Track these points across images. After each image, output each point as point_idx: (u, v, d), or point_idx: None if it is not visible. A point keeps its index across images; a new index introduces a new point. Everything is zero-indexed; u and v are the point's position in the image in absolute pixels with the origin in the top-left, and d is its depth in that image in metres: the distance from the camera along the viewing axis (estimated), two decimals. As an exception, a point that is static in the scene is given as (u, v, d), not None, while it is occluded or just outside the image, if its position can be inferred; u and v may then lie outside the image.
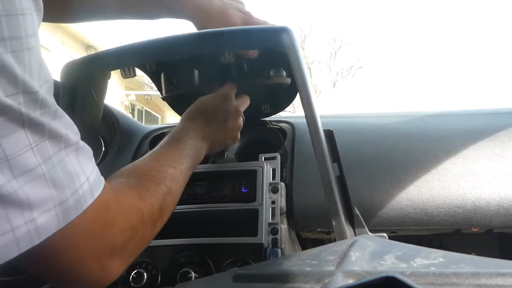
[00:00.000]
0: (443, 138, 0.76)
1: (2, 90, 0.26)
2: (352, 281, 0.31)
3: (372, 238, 0.41)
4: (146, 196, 0.43)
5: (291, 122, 0.84)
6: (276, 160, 0.72)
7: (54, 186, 0.29)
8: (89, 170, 0.34)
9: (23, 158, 0.27)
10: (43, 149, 0.29)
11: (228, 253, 0.63)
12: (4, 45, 0.26)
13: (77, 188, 0.32)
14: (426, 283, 0.30)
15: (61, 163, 0.31)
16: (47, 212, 0.29)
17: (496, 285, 0.28)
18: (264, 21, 0.67)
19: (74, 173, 0.32)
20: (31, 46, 0.29)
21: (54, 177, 0.30)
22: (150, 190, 0.44)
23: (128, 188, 0.42)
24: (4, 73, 0.26)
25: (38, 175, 0.28)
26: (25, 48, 0.28)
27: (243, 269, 0.40)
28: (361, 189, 0.70)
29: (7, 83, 0.26)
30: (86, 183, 0.33)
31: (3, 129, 0.26)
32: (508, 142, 0.72)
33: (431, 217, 0.67)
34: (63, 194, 0.30)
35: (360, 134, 0.81)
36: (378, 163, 0.72)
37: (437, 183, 0.69)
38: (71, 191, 0.31)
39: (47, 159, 0.29)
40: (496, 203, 0.66)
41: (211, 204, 0.68)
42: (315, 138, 0.54)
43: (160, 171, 0.48)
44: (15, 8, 0.27)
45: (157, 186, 0.45)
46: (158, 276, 0.65)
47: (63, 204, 0.30)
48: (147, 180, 0.45)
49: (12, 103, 0.26)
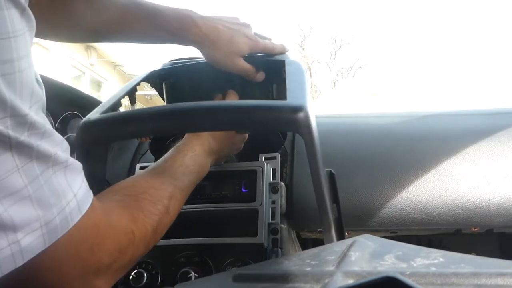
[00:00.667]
0: (443, 138, 0.76)
1: None
2: (352, 281, 0.31)
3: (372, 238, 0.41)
4: (139, 217, 0.42)
5: (291, 122, 0.84)
6: (276, 160, 0.72)
7: (40, 206, 0.29)
8: (77, 186, 0.33)
9: (9, 180, 0.27)
10: (30, 170, 0.29)
11: (228, 253, 0.63)
12: None
13: (64, 206, 0.31)
14: (426, 283, 0.30)
15: (48, 182, 0.30)
16: (32, 233, 0.29)
17: (496, 285, 0.28)
18: (271, 43, 0.67)
19: (61, 191, 0.31)
20: (23, 68, 0.28)
21: (40, 197, 0.29)
22: (145, 211, 0.43)
23: (120, 208, 0.41)
24: None
25: (24, 196, 0.28)
26: (16, 71, 0.28)
27: (243, 269, 0.40)
28: (361, 189, 0.70)
29: None
30: (73, 200, 0.32)
31: None
32: (508, 142, 0.72)
33: (431, 217, 0.67)
34: (49, 214, 0.30)
35: (360, 134, 0.81)
36: (378, 163, 0.72)
37: (437, 183, 0.69)
38: (58, 209, 0.30)
39: (33, 179, 0.29)
40: (496, 203, 0.66)
41: (211, 204, 0.68)
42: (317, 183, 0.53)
43: (160, 189, 0.47)
44: (7, 31, 0.27)
45: (153, 206, 0.45)
46: (158, 276, 0.65)
47: (49, 224, 0.30)
48: (143, 199, 0.44)
49: (0, 128, 0.26)
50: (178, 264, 0.65)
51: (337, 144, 0.77)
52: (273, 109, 0.47)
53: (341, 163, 0.73)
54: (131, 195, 0.44)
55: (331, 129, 0.84)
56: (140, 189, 0.46)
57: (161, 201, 0.46)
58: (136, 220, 0.41)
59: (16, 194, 0.28)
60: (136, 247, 0.41)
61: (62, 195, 0.31)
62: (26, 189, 0.28)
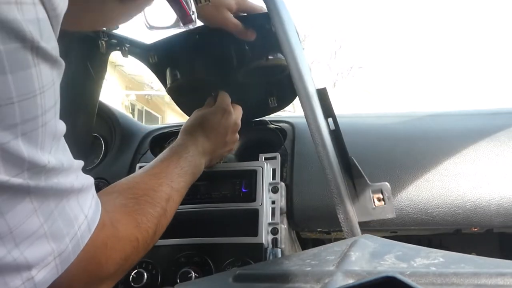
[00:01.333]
0: (443, 138, 0.76)
1: (6, 173, 0.25)
2: (352, 281, 0.31)
3: (372, 238, 0.41)
4: (142, 222, 0.43)
5: (291, 122, 0.84)
6: (276, 160, 0.72)
7: (54, 240, 0.29)
8: (88, 205, 0.33)
9: (27, 224, 0.27)
10: (46, 208, 0.28)
11: (228, 253, 0.63)
12: (14, 131, 0.25)
13: (76, 231, 0.31)
14: (426, 283, 0.30)
15: (62, 213, 0.30)
16: (46, 267, 0.29)
17: (496, 285, 0.28)
18: (259, 6, 0.66)
19: (73, 217, 0.31)
20: (48, 120, 0.27)
21: (54, 231, 0.29)
22: (147, 214, 0.44)
23: (125, 215, 0.41)
24: (11, 158, 0.25)
25: (40, 235, 0.28)
26: (40, 126, 0.27)
27: (243, 269, 0.40)
28: (361, 189, 0.70)
29: (12, 166, 0.25)
30: (84, 221, 0.32)
31: (8, 205, 0.26)
32: (508, 142, 0.72)
33: (431, 217, 0.67)
34: (62, 244, 0.30)
35: (360, 135, 0.81)
36: (378, 163, 0.72)
37: (437, 183, 0.69)
38: (70, 237, 0.30)
39: (49, 216, 0.29)
40: (496, 203, 0.66)
41: (211, 204, 0.68)
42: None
43: (158, 190, 0.48)
44: (34, 89, 0.26)
45: (153, 209, 0.45)
46: (158, 276, 0.65)
47: (62, 254, 0.30)
48: (144, 202, 0.45)
49: (18, 181, 0.26)
50: (178, 264, 0.65)
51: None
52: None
53: (341, 163, 0.73)
54: (132, 198, 0.44)
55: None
56: (140, 191, 0.46)
57: (159, 203, 0.46)
58: (140, 226, 0.42)
59: (33, 235, 0.27)
60: (139, 252, 0.42)
61: (74, 221, 0.31)
62: (42, 228, 0.28)
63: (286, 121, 0.85)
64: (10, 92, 0.24)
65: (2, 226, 0.26)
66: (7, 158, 0.25)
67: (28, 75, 0.25)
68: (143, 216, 0.43)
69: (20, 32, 0.24)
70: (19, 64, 0.24)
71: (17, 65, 0.24)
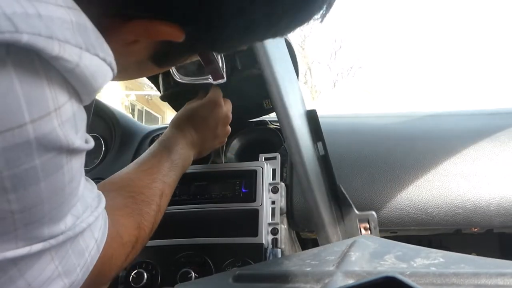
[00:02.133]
0: (443, 138, 0.76)
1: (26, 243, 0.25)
2: (352, 281, 0.31)
3: (372, 238, 0.41)
4: (141, 223, 0.43)
5: (291, 122, 0.84)
6: (276, 160, 0.72)
7: (66, 276, 0.29)
8: (97, 228, 0.33)
9: (44, 274, 0.27)
10: (61, 253, 0.28)
11: (228, 253, 0.63)
12: (38, 226, 0.25)
13: (86, 258, 0.31)
14: (426, 283, 0.30)
15: (75, 249, 0.29)
16: None
17: (496, 285, 0.28)
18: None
19: (85, 247, 0.30)
20: (74, 194, 0.28)
21: (67, 269, 0.29)
22: (144, 214, 0.44)
23: (126, 218, 0.42)
24: (31, 238, 0.25)
25: (54, 277, 0.28)
26: (64, 202, 0.26)
27: (243, 269, 0.40)
28: (361, 189, 0.70)
29: (33, 239, 0.25)
30: (94, 246, 0.32)
31: (28, 265, 0.25)
32: (508, 142, 0.72)
33: (431, 217, 0.67)
34: (73, 276, 0.29)
35: (360, 135, 0.81)
36: (378, 164, 0.72)
37: (437, 183, 0.68)
38: (81, 266, 0.30)
39: (63, 257, 0.28)
40: (496, 203, 0.66)
41: (211, 204, 0.68)
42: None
43: (152, 187, 0.48)
44: (63, 184, 0.25)
45: (149, 207, 0.46)
46: (158, 276, 0.65)
47: (73, 284, 0.29)
48: (141, 201, 0.45)
49: (39, 247, 0.25)
50: (178, 264, 0.64)
51: (337, 144, 0.77)
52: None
53: (341, 163, 0.73)
54: (130, 197, 0.45)
55: (331, 129, 0.84)
56: (136, 189, 0.46)
57: (154, 200, 0.47)
58: (139, 226, 0.43)
59: (48, 280, 0.27)
60: (137, 251, 0.43)
61: (86, 250, 0.31)
62: (56, 270, 0.28)
63: (286, 121, 0.85)
64: (41, 196, 0.24)
65: (21, 283, 0.25)
66: (26, 237, 0.24)
67: (60, 175, 0.24)
68: (141, 216, 0.44)
69: (57, 142, 0.23)
70: (52, 170, 0.24)
71: (50, 171, 0.23)
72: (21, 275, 0.25)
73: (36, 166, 0.22)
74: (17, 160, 0.21)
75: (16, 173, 0.21)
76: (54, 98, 0.22)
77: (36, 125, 0.21)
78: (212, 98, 0.63)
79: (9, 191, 0.21)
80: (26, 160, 0.22)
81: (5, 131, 0.20)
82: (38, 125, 0.21)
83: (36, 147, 0.22)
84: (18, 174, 0.21)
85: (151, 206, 0.46)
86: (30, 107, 0.21)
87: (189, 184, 0.70)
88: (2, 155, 0.20)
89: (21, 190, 0.22)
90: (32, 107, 0.21)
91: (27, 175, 0.22)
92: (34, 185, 0.23)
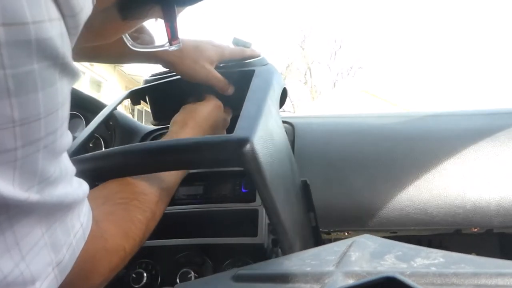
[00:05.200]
0: (443, 138, 0.76)
1: (20, 186, 0.25)
2: (352, 281, 0.31)
3: (372, 238, 0.41)
4: (131, 230, 0.42)
5: (291, 122, 0.84)
6: (276, 160, 0.72)
7: (53, 250, 0.29)
8: (83, 213, 0.33)
9: (31, 236, 0.27)
10: (49, 220, 0.28)
11: (228, 253, 0.63)
12: (37, 145, 0.25)
13: (72, 240, 0.31)
14: (426, 283, 0.30)
15: (62, 224, 0.30)
16: (47, 278, 0.29)
17: (496, 285, 0.28)
18: (239, 49, 0.66)
19: (71, 226, 0.31)
20: (64, 130, 0.28)
21: (54, 241, 0.29)
22: (135, 221, 0.43)
23: (113, 225, 0.40)
24: (27, 172, 0.25)
25: (41, 245, 0.28)
26: (58, 137, 0.27)
27: (243, 269, 0.40)
28: (361, 189, 0.70)
29: (26, 179, 0.25)
30: (80, 230, 0.32)
31: (17, 217, 0.26)
32: (507, 142, 0.72)
33: (431, 217, 0.67)
34: (60, 254, 0.30)
35: (360, 135, 0.81)
36: (378, 164, 0.72)
37: (437, 183, 0.68)
38: (67, 246, 0.30)
39: (50, 226, 0.29)
40: (496, 203, 0.66)
41: (211, 204, 0.68)
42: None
43: (148, 193, 0.47)
44: (57, 103, 0.26)
45: (142, 214, 0.44)
46: (158, 276, 0.65)
47: (60, 264, 0.30)
48: (133, 208, 0.44)
49: (30, 197, 0.26)
50: (178, 264, 0.64)
51: (337, 144, 0.77)
52: (215, 146, 0.45)
53: (341, 163, 0.73)
54: (121, 203, 0.43)
55: (331, 129, 0.84)
56: (131, 195, 0.45)
57: (149, 207, 0.45)
58: (128, 235, 0.41)
59: (35, 246, 0.27)
60: (125, 261, 0.41)
61: (71, 230, 0.31)
62: (43, 238, 0.28)
63: (286, 121, 0.85)
64: (39, 108, 0.25)
65: (10, 239, 0.25)
66: (24, 171, 0.25)
67: (54, 90, 0.26)
68: (131, 224, 0.42)
69: (54, 50, 0.25)
70: (48, 81, 0.25)
71: (47, 82, 0.25)
72: (10, 226, 0.25)
73: (35, 71, 0.24)
74: (19, 58, 0.23)
75: (18, 73, 0.23)
76: (48, 10, 0.24)
77: (37, 27, 0.23)
78: (212, 99, 0.63)
79: (12, 94, 0.23)
80: (27, 62, 0.23)
81: (10, 24, 0.22)
82: (38, 27, 0.23)
83: (36, 49, 0.23)
84: (19, 76, 0.23)
85: (145, 213, 0.44)
86: (31, 9, 0.23)
87: (189, 184, 0.70)
88: (6, 49, 0.22)
89: (23, 95, 0.23)
90: (33, 10, 0.23)
91: (27, 79, 0.23)
92: (33, 92, 0.24)
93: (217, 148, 0.45)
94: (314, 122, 0.88)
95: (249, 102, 0.55)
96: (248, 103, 0.54)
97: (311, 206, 0.60)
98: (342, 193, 0.69)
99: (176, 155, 0.46)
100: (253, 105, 0.53)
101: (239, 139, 0.44)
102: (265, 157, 0.46)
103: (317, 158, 0.75)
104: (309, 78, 12.56)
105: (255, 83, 0.59)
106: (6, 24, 0.22)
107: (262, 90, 0.58)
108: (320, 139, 0.79)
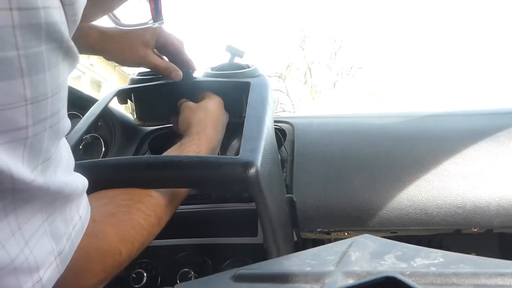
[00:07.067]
0: (443, 138, 0.76)
1: (28, 165, 0.26)
2: (352, 281, 0.31)
3: (372, 238, 0.41)
4: (130, 234, 0.41)
5: (291, 122, 0.84)
6: (276, 160, 0.72)
7: (53, 239, 0.29)
8: (82, 205, 0.33)
9: (31, 222, 0.27)
10: (50, 208, 0.29)
11: (227, 253, 0.63)
12: (44, 124, 0.26)
13: (71, 231, 0.31)
14: (426, 283, 0.30)
15: (62, 213, 0.30)
16: (49, 267, 0.29)
17: (496, 285, 0.28)
18: (174, 37, 0.64)
19: (70, 217, 0.31)
20: (65, 111, 0.29)
21: (54, 230, 0.29)
22: (136, 226, 0.41)
23: (111, 227, 0.39)
24: (33, 151, 0.26)
25: (41, 233, 0.28)
26: (61, 118, 0.29)
27: (243, 269, 0.40)
28: (361, 189, 0.70)
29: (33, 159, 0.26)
30: (78, 222, 0.33)
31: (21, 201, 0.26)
32: (507, 142, 0.72)
33: (431, 217, 0.67)
34: (60, 244, 0.30)
35: (360, 135, 0.81)
36: (378, 164, 0.72)
37: (437, 183, 0.69)
38: (67, 237, 0.31)
39: (50, 214, 0.29)
40: (496, 203, 0.66)
41: (211, 204, 0.68)
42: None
43: (155, 196, 0.45)
44: (59, 83, 0.28)
45: (146, 219, 0.43)
46: (158, 276, 0.65)
47: (61, 254, 0.30)
48: (136, 211, 0.42)
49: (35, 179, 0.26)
50: (178, 264, 0.65)
51: (337, 144, 0.77)
52: (220, 166, 0.45)
53: (341, 163, 0.73)
54: (124, 205, 0.42)
55: (331, 129, 0.84)
56: (136, 197, 0.44)
57: (155, 211, 0.44)
58: (126, 239, 0.40)
59: (37, 232, 0.28)
60: (121, 265, 0.40)
61: (70, 221, 0.31)
62: (43, 225, 0.28)
63: (286, 121, 0.85)
64: (47, 88, 0.26)
65: (13, 222, 0.26)
66: (32, 150, 0.26)
67: (57, 71, 0.27)
68: (131, 228, 0.41)
69: (60, 33, 0.26)
70: (54, 62, 0.27)
71: (52, 63, 0.26)
72: (14, 209, 0.26)
73: (43, 52, 0.25)
74: (30, 40, 0.24)
75: (29, 54, 0.24)
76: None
77: (46, 12, 0.25)
78: (214, 96, 0.63)
79: (25, 74, 0.24)
80: (37, 44, 0.25)
81: (24, 8, 0.23)
82: (47, 13, 0.25)
83: (45, 32, 0.25)
84: (30, 56, 0.24)
85: (149, 218, 0.43)
86: None
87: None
88: (20, 31, 0.23)
89: (33, 75, 0.25)
90: None
91: (37, 59, 0.25)
92: (42, 72, 0.25)
93: (224, 169, 0.45)
94: (314, 122, 0.88)
95: (250, 121, 0.55)
96: (249, 122, 0.55)
97: (295, 223, 0.61)
98: (342, 193, 0.69)
99: (181, 171, 0.46)
100: (254, 125, 0.54)
101: (245, 162, 0.45)
102: (265, 178, 0.47)
103: (317, 158, 0.75)
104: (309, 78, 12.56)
105: (252, 98, 0.60)
106: (21, 8, 0.23)
107: (260, 108, 0.58)
108: (320, 139, 0.80)
